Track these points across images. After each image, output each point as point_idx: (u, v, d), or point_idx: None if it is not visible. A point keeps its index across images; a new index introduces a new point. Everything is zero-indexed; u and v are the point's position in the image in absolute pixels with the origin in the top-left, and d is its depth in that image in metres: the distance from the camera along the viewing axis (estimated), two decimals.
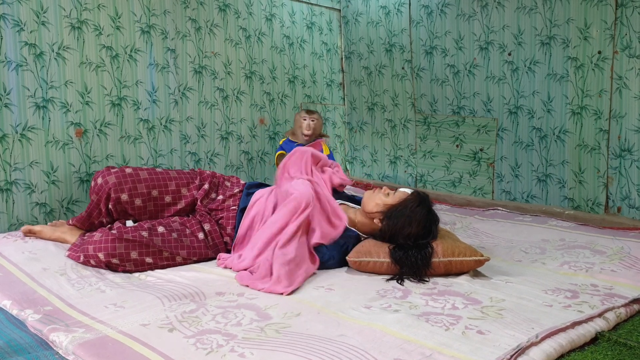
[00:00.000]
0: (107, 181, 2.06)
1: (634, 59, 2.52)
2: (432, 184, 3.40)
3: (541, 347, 1.28)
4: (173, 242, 1.96)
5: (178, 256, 1.96)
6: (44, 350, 1.31)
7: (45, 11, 2.38)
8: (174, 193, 2.15)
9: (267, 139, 3.37)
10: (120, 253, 1.87)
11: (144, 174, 2.13)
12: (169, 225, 2.02)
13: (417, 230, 1.84)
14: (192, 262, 1.98)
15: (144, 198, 2.09)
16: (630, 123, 2.56)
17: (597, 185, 2.70)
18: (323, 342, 1.30)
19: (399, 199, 1.91)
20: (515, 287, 1.70)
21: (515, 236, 2.36)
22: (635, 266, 1.90)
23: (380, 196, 1.95)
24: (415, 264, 1.77)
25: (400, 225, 1.84)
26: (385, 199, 1.93)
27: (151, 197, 2.11)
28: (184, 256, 1.96)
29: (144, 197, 2.09)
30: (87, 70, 2.53)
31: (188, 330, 1.38)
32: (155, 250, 1.92)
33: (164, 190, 2.13)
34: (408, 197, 1.90)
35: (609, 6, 2.57)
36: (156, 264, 1.92)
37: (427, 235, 1.85)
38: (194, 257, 1.99)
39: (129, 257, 1.88)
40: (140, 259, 1.90)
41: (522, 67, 2.92)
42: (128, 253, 1.88)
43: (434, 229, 1.88)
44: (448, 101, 3.27)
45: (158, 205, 2.13)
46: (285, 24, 3.45)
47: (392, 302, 1.58)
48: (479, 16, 3.07)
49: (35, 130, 2.38)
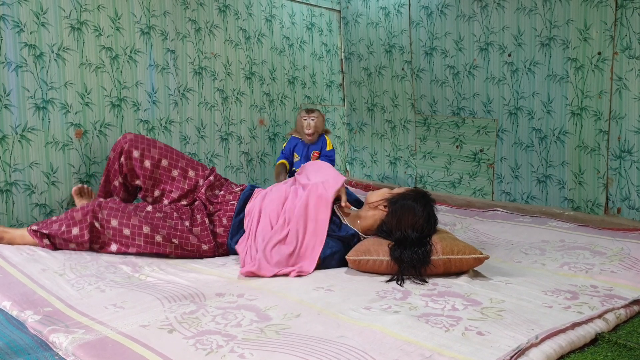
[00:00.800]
0: (125, 137, 2.20)
1: (633, 60, 2.52)
2: (431, 184, 3.40)
3: (541, 348, 1.28)
4: (156, 219, 2.01)
5: (158, 235, 1.99)
6: (44, 352, 1.31)
7: (45, 12, 2.38)
8: (182, 170, 2.21)
9: (267, 139, 3.37)
10: (101, 218, 1.98)
11: (161, 144, 2.23)
12: (159, 207, 2.08)
13: (420, 219, 1.90)
14: (173, 245, 2.01)
15: (153, 163, 2.17)
16: (630, 124, 2.56)
17: (597, 186, 2.70)
18: (323, 344, 1.30)
19: (398, 193, 2.02)
20: (515, 288, 1.70)
21: (515, 237, 2.36)
22: (635, 267, 1.90)
23: (384, 190, 2.06)
24: (415, 261, 1.78)
25: (405, 211, 1.92)
26: (390, 191, 2.04)
27: (160, 165, 2.18)
28: (163, 235, 1.99)
29: (154, 161, 2.17)
30: (87, 71, 2.53)
31: (188, 331, 1.38)
32: (135, 223, 1.97)
33: (174, 164, 2.21)
34: (410, 189, 2.03)
35: (608, 7, 2.57)
36: (133, 239, 1.97)
37: (428, 227, 1.90)
38: (175, 239, 2.00)
39: (109, 225, 1.97)
40: (119, 229, 1.96)
41: (522, 68, 2.92)
42: (109, 220, 1.98)
43: (434, 221, 1.95)
44: (448, 102, 3.27)
45: (164, 175, 2.19)
46: (285, 25, 3.45)
47: (392, 303, 1.58)
48: (478, 17, 3.07)
49: (35, 131, 2.38)
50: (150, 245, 2.00)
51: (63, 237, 2.02)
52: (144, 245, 1.99)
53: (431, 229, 1.91)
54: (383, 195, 2.02)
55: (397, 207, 1.94)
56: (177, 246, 2.01)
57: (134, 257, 2.03)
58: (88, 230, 2.00)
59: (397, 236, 1.88)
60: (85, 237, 2.00)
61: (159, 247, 2.00)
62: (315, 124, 2.94)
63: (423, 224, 1.89)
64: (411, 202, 1.94)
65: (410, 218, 1.90)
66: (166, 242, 2.00)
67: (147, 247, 2.00)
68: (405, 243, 1.84)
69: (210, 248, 2.05)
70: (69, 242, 2.02)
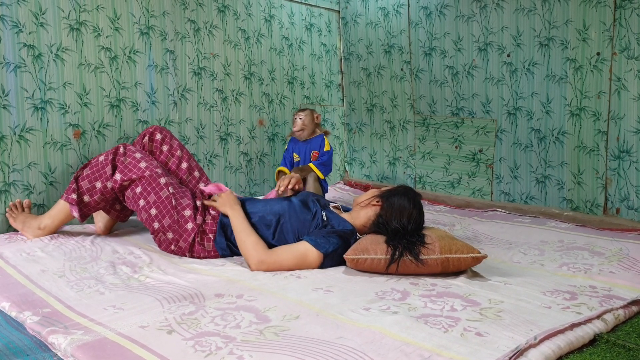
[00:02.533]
0: (154, 125, 2.47)
1: (632, 61, 2.52)
2: (431, 185, 3.40)
3: (539, 349, 1.28)
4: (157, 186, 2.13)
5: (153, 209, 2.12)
6: (43, 353, 1.31)
7: (44, 12, 2.38)
8: (190, 170, 2.38)
9: (266, 140, 3.37)
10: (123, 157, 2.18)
11: (182, 145, 2.43)
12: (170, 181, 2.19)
13: (414, 210, 1.97)
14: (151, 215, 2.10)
15: (172, 149, 2.37)
16: (629, 124, 2.56)
17: (596, 187, 2.70)
18: (322, 345, 1.30)
19: (389, 187, 2.11)
20: (514, 289, 1.70)
21: (514, 237, 2.36)
22: (634, 267, 1.90)
23: (370, 191, 2.14)
24: (412, 243, 1.83)
25: (399, 202, 1.99)
26: (374, 191, 2.11)
27: (176, 155, 2.37)
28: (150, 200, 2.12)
29: (172, 150, 2.37)
30: (85, 71, 2.53)
31: (187, 332, 1.38)
32: (135, 178, 2.13)
33: (188, 159, 2.39)
34: (397, 186, 2.11)
35: (607, 8, 2.57)
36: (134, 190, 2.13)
37: (420, 217, 1.99)
38: (156, 206, 2.11)
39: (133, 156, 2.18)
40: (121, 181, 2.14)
41: (521, 68, 2.92)
42: (108, 174, 2.15)
43: (423, 213, 2.03)
44: (447, 102, 3.27)
45: (175, 165, 2.36)
46: (284, 25, 3.45)
47: (391, 303, 1.58)
48: (477, 17, 3.07)
49: (33, 132, 2.38)
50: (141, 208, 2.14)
51: (90, 178, 2.16)
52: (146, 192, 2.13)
53: (422, 221, 2.01)
54: (372, 193, 2.09)
55: (391, 200, 2.01)
56: (156, 214, 2.11)
57: (133, 257, 2.04)
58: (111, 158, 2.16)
59: (393, 226, 1.94)
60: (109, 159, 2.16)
61: (144, 208, 2.13)
62: (303, 122, 2.95)
63: (417, 216, 1.98)
64: (402, 195, 2.02)
65: (405, 209, 1.97)
66: (149, 204, 2.13)
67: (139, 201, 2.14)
68: (401, 233, 1.91)
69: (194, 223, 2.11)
70: (97, 180, 2.16)
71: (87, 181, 2.15)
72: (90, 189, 2.15)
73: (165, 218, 2.09)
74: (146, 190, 2.12)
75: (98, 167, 2.16)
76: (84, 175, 2.16)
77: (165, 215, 2.09)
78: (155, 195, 2.11)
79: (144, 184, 2.13)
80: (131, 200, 2.16)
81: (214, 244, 2.08)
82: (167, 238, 2.09)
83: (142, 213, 2.13)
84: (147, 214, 2.11)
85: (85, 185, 2.15)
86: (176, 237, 2.08)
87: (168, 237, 2.09)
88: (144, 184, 2.13)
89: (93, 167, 2.17)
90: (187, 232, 2.08)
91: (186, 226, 2.08)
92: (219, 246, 2.07)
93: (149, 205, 2.11)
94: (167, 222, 2.08)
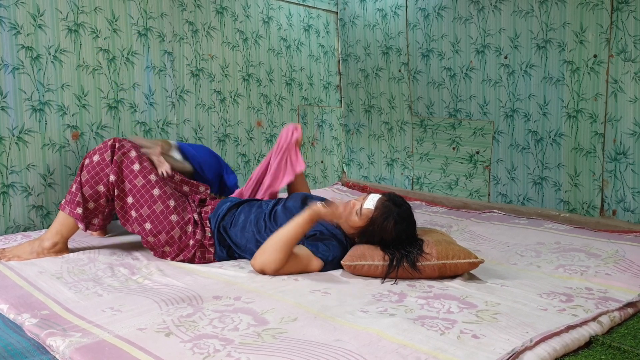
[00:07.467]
0: (112, 138, 2.20)
1: (629, 63, 2.53)
2: (428, 186, 3.41)
3: (535, 352, 1.28)
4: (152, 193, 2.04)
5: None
6: (41, 355, 1.32)
7: (42, 14, 2.39)
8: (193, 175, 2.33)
9: (265, 141, 3.38)
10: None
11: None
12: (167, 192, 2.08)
13: (395, 226, 1.86)
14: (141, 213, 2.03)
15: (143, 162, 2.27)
16: (626, 127, 2.57)
17: (593, 189, 2.71)
18: (319, 347, 1.31)
19: (366, 217, 1.89)
20: (511, 291, 1.71)
21: (511, 239, 2.37)
22: (630, 270, 1.91)
23: (351, 218, 1.92)
24: (409, 252, 1.81)
25: (379, 223, 1.87)
26: (355, 221, 1.91)
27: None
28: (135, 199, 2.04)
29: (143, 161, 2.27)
30: (83, 73, 2.53)
31: (185, 334, 1.39)
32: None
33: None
34: (374, 213, 1.88)
35: (604, 10, 2.58)
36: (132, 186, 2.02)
37: (409, 228, 1.90)
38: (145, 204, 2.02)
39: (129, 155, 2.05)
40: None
41: (518, 70, 2.93)
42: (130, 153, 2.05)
43: (412, 221, 1.92)
44: (444, 104, 3.28)
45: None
46: (282, 26, 3.45)
47: (388, 305, 1.58)
48: (475, 19, 3.08)
49: (31, 133, 2.38)
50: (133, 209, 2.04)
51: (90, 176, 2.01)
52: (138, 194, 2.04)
53: (412, 231, 1.91)
54: (351, 230, 1.94)
55: (374, 220, 1.88)
56: (147, 214, 2.03)
57: (131, 259, 2.04)
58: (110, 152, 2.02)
59: (382, 241, 1.89)
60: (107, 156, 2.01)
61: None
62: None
63: (405, 228, 1.88)
64: (378, 232, 1.88)
65: (386, 231, 1.86)
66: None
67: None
68: (396, 242, 1.87)
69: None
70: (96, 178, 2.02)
71: (88, 187, 2.00)
72: (92, 194, 2.01)
73: (162, 234, 2.01)
74: (139, 203, 2.01)
75: (96, 169, 2.00)
76: (84, 182, 2.00)
77: (162, 232, 2.01)
78: (149, 209, 2.01)
79: (136, 195, 2.01)
80: (121, 210, 2.04)
81: (214, 256, 2.07)
82: (165, 251, 2.04)
83: (133, 225, 2.03)
84: (141, 227, 2.02)
85: (87, 191, 2.00)
86: (175, 251, 2.04)
87: (165, 250, 2.04)
88: (135, 195, 2.01)
89: (90, 170, 2.00)
90: (187, 248, 2.04)
91: (188, 242, 2.04)
92: (219, 257, 2.07)
93: (142, 219, 2.01)
94: (163, 238, 2.01)
